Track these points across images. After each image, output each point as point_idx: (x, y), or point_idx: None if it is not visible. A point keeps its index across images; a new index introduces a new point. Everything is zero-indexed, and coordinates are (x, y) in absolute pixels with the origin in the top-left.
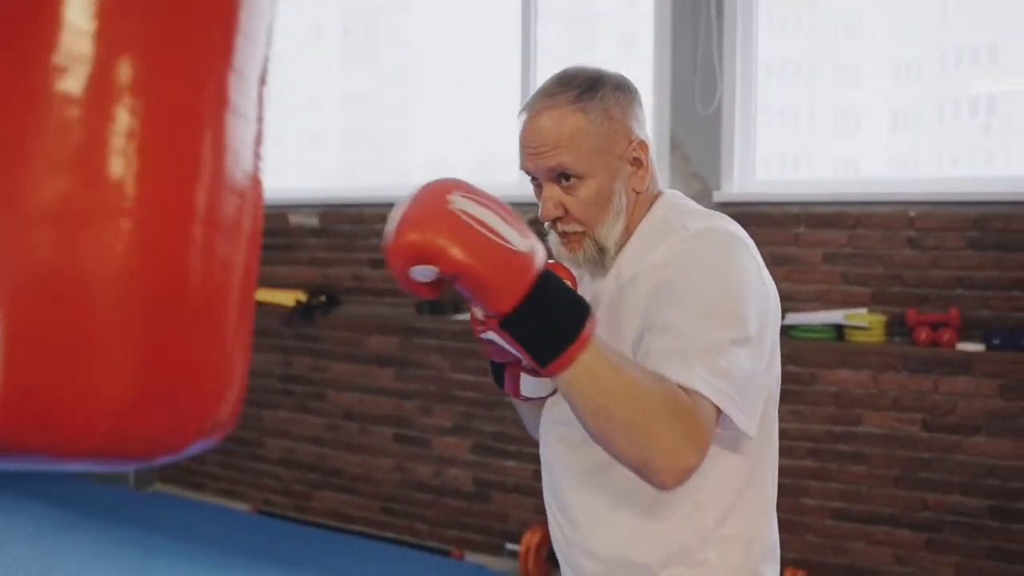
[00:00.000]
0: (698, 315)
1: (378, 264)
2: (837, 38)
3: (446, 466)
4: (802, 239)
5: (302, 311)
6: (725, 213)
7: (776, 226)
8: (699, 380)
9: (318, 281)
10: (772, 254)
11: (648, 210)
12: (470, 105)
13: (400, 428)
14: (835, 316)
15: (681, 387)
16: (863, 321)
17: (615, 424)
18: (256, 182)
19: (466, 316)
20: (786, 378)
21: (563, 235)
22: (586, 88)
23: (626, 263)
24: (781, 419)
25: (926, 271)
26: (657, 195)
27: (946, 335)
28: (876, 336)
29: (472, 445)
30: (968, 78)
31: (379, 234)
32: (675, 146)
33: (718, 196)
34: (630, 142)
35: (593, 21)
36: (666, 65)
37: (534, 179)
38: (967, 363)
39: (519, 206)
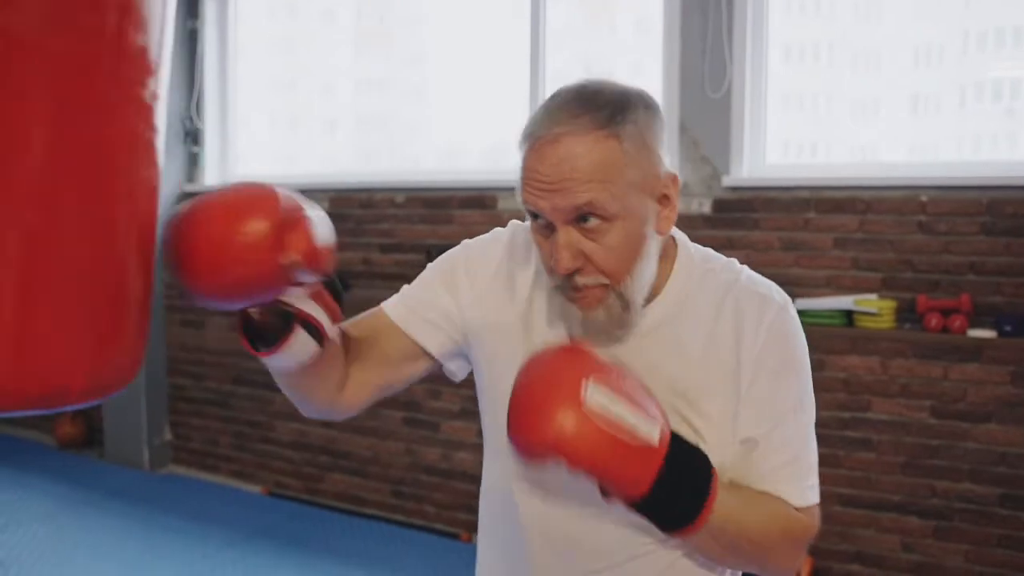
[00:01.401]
0: (802, 426)
1: (388, 249)
2: (857, 22)
3: (454, 449)
4: (812, 224)
5: None
6: (734, 198)
7: (785, 211)
8: (811, 494)
9: None
10: (781, 239)
11: (674, 258)
12: (482, 89)
13: (409, 412)
14: (845, 302)
15: (796, 507)
16: (873, 307)
17: (736, 560)
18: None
19: None
20: None
21: (578, 289)
22: (617, 109)
23: (661, 319)
24: None
25: (937, 256)
26: (669, 236)
27: (957, 321)
28: (886, 322)
29: (479, 428)
30: (992, 61)
31: (389, 218)
32: (684, 130)
33: (727, 180)
34: (661, 176)
35: (602, 3)
36: (675, 48)
37: (537, 218)
38: (978, 350)
39: None
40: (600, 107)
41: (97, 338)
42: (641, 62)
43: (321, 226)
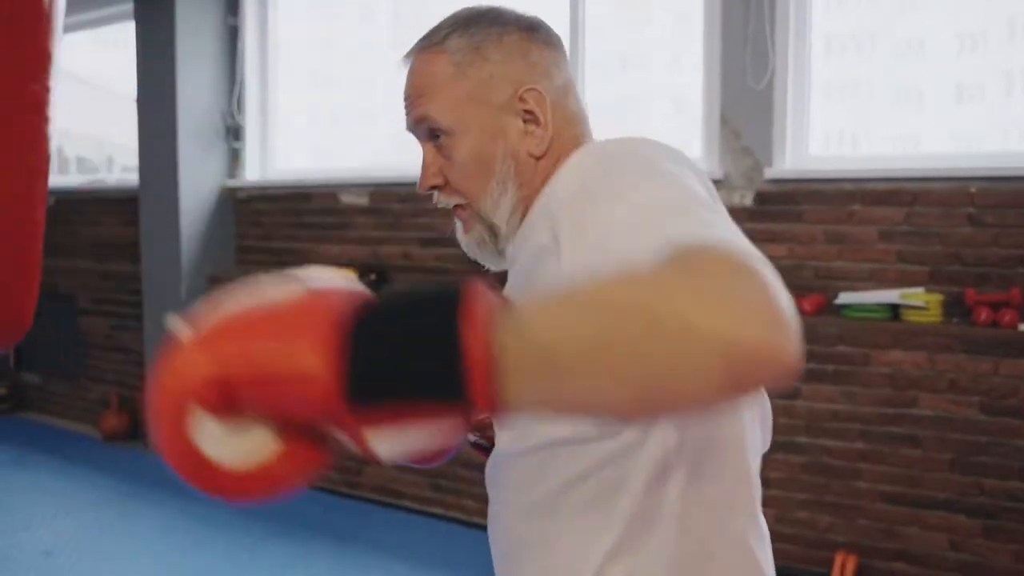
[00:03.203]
0: (641, 202)
1: (428, 243)
2: (900, 10)
3: None
4: (856, 216)
5: None
6: (777, 190)
7: (829, 203)
8: (706, 230)
9: (368, 259)
10: (825, 232)
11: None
12: None
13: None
14: (890, 295)
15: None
16: (919, 300)
17: (628, 360)
18: None
19: None
20: (839, 358)
21: (456, 212)
22: (460, 24)
23: (521, 234)
24: (833, 400)
25: (986, 249)
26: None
27: (1007, 315)
28: (933, 316)
29: None
30: None
31: (429, 213)
32: (725, 121)
33: (769, 172)
34: (517, 89)
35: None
36: (716, 38)
37: None
38: None
39: None
40: (446, 26)
41: None
42: (680, 54)
43: None
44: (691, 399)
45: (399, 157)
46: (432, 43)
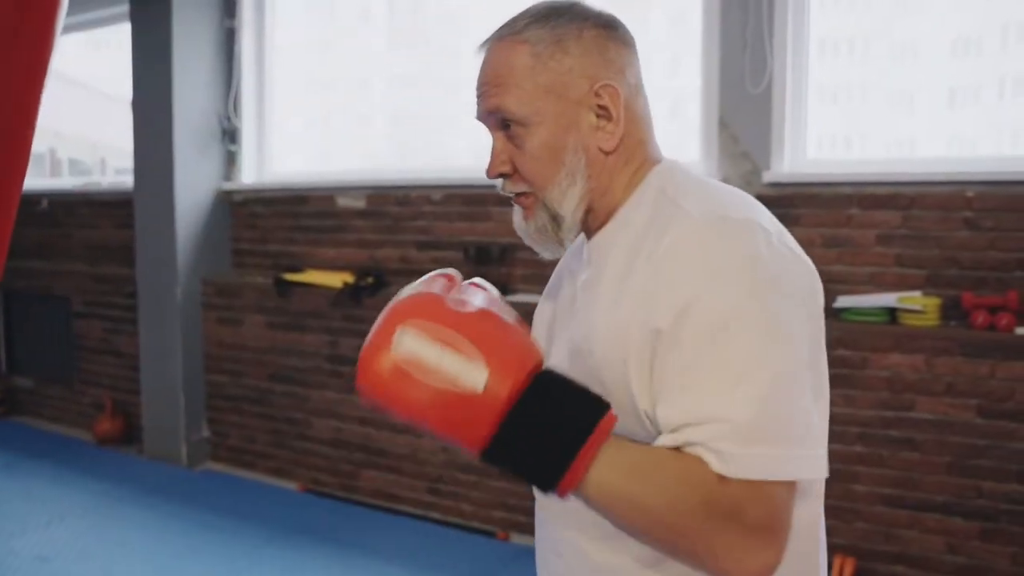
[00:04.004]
0: (732, 368)
1: (425, 246)
2: (894, 14)
3: None
4: (854, 220)
5: (350, 292)
6: (775, 194)
7: (827, 207)
8: (746, 467)
9: (366, 262)
10: (823, 236)
11: (635, 183)
12: None
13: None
14: (888, 299)
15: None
16: (917, 304)
17: (652, 541)
18: None
19: (514, 297)
20: (837, 362)
21: (517, 200)
22: (540, 16)
23: (605, 246)
24: (832, 403)
25: (983, 253)
26: (651, 165)
27: (1004, 319)
28: (931, 319)
29: None
30: None
31: (426, 216)
32: (724, 125)
33: (768, 176)
34: (593, 85)
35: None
36: (715, 42)
37: None
38: None
39: None
40: (524, 17)
41: None
42: (678, 57)
43: None
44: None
45: (395, 160)
46: (512, 32)
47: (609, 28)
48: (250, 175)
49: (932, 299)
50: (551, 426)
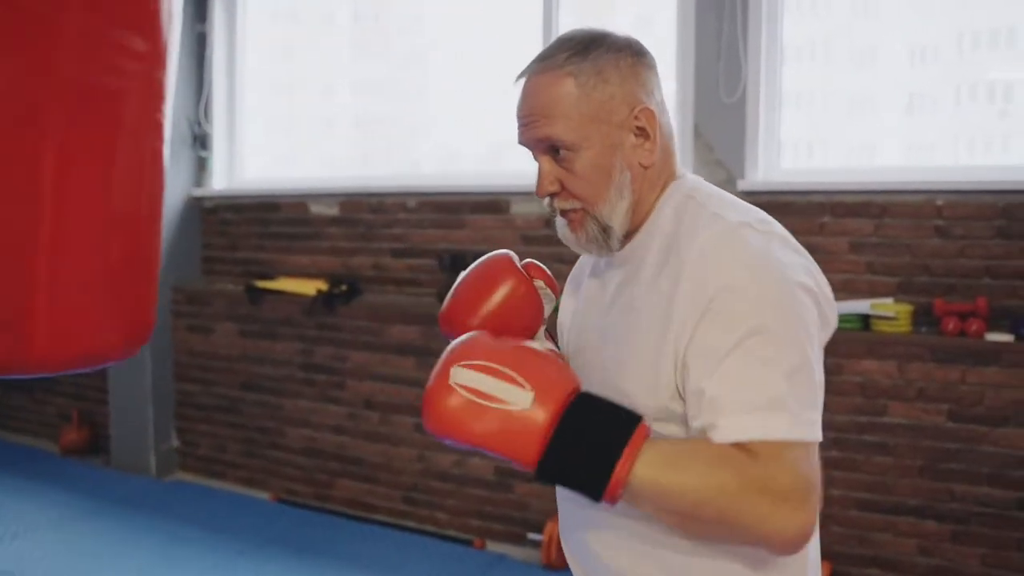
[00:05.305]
0: (757, 357)
1: (399, 253)
2: (854, 20)
3: (467, 455)
4: (827, 228)
5: (323, 300)
6: (749, 202)
7: (801, 215)
8: (774, 428)
9: (339, 270)
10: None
11: (663, 192)
12: (484, 92)
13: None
14: (861, 306)
15: (752, 446)
16: (889, 311)
17: (701, 525)
18: None
19: None
20: None
21: (564, 214)
22: (579, 49)
23: (642, 247)
24: None
25: (953, 260)
26: (674, 177)
27: (974, 325)
28: (903, 326)
29: None
30: (986, 62)
31: (401, 223)
32: (698, 134)
33: (742, 185)
34: (632, 109)
35: (610, 6)
36: (690, 52)
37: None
38: (995, 353)
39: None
40: (564, 49)
41: (124, 305)
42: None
43: None
44: (724, 542)
45: (360, 165)
46: (555, 65)
47: (640, 55)
48: (221, 181)
49: (904, 306)
50: (594, 438)
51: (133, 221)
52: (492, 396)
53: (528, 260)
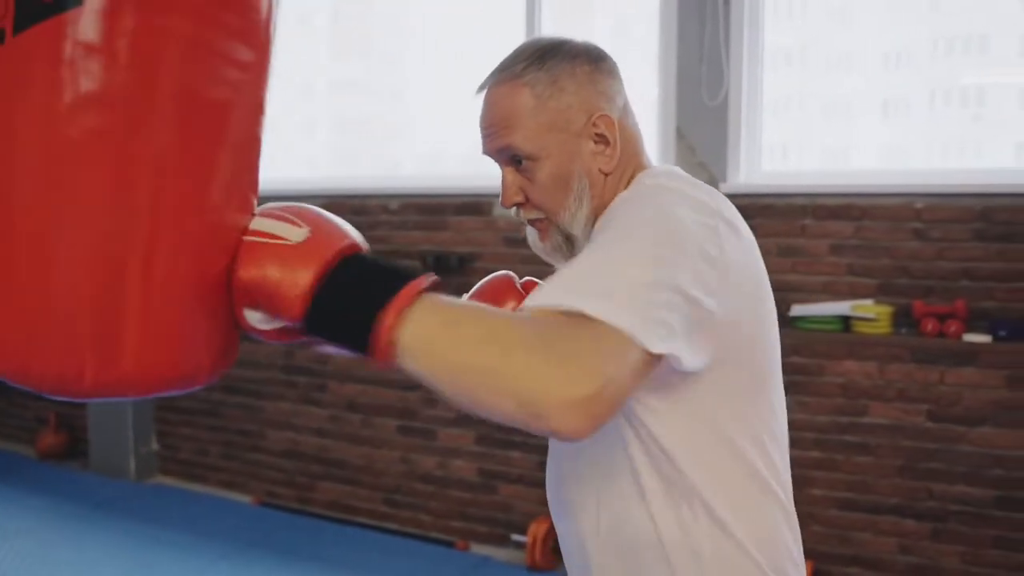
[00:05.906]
0: (596, 251)
1: (381, 255)
2: (830, 25)
3: (450, 457)
4: (808, 230)
5: None
6: (732, 204)
7: (782, 217)
8: (575, 298)
9: None
10: (778, 245)
11: (628, 188)
12: (466, 93)
13: (404, 419)
14: (841, 307)
15: (556, 313)
16: (870, 312)
17: (470, 376)
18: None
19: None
20: (792, 369)
21: (532, 223)
22: (536, 59)
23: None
24: (788, 410)
25: (932, 262)
26: (639, 171)
27: (953, 326)
28: (882, 327)
29: (476, 436)
30: (959, 68)
31: (383, 225)
32: (681, 137)
33: (724, 188)
34: (590, 116)
35: (589, 8)
36: (672, 55)
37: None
38: (973, 354)
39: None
40: (521, 60)
41: (215, 326)
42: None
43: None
44: (498, 417)
45: (347, 167)
46: (512, 76)
47: (598, 61)
48: None
49: (884, 307)
50: (366, 287)
51: (227, 237)
52: (267, 233)
53: (527, 278)
